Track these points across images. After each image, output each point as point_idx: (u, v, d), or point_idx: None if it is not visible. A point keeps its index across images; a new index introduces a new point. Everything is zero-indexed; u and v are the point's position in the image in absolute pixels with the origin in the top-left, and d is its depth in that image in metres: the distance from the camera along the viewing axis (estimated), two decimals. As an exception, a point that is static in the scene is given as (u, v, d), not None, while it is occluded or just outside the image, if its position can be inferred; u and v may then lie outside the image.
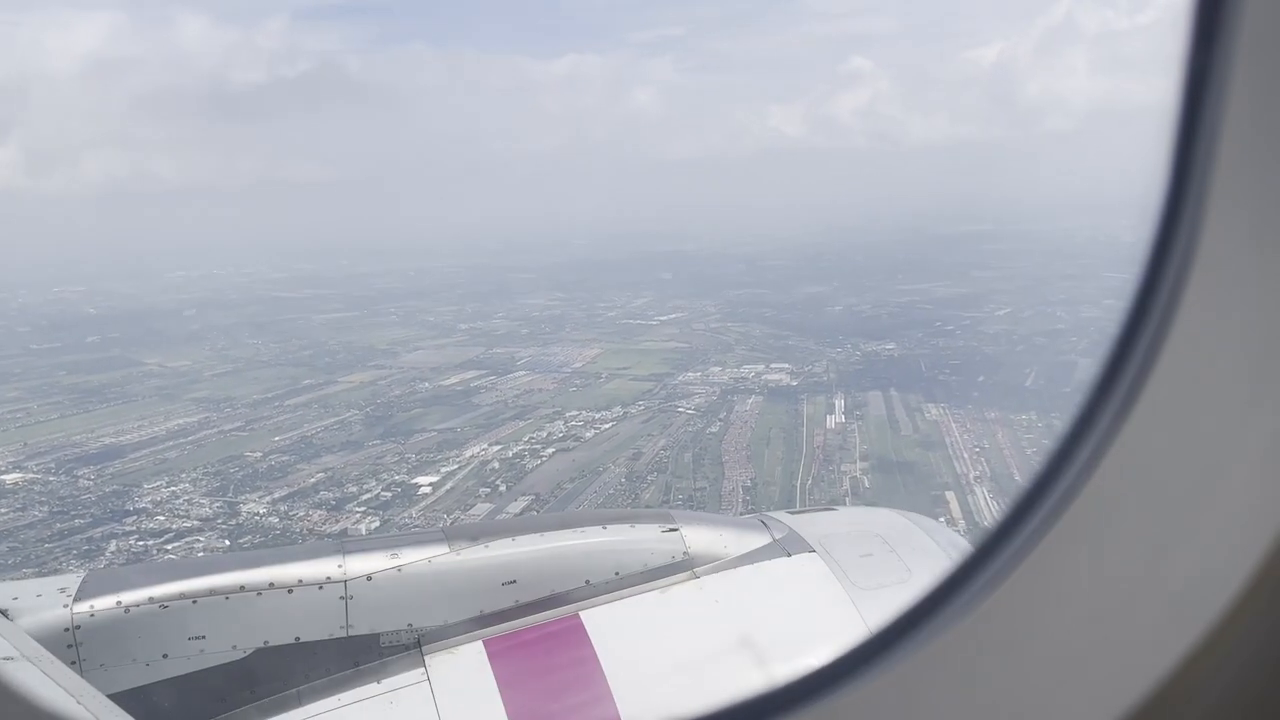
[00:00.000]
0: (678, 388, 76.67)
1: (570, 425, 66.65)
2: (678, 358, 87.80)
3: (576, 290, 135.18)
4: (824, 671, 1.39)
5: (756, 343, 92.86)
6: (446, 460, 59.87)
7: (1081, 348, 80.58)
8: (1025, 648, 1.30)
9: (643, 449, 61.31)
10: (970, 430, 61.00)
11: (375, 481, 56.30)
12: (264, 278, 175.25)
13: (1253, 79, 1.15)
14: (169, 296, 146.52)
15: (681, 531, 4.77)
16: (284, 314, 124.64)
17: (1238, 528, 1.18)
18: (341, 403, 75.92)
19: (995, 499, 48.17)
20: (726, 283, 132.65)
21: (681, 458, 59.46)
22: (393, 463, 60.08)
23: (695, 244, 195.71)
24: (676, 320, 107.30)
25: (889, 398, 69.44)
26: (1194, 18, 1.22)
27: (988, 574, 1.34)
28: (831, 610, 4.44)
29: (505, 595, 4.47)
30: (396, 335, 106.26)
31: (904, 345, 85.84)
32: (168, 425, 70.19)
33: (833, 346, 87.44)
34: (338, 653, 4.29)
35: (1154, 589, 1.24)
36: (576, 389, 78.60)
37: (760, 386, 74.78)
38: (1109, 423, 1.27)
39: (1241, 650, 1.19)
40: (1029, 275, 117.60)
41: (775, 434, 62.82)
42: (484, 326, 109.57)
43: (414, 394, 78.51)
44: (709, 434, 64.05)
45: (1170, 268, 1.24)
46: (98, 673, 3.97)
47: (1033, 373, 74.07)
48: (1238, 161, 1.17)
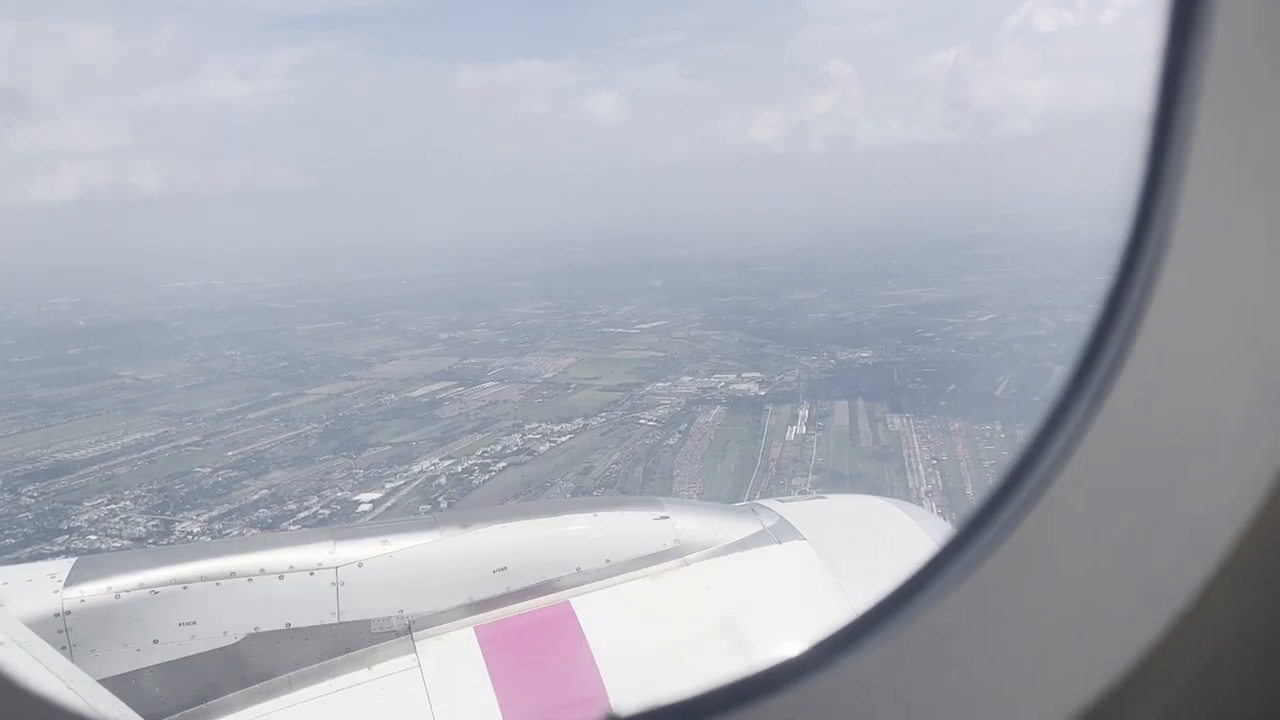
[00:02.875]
0: (644, 398, 75.38)
1: (527, 438, 65.52)
2: (651, 367, 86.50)
3: (565, 298, 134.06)
4: (804, 656, 1.42)
5: (733, 351, 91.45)
6: (394, 475, 58.86)
7: (1059, 354, 78.85)
8: (999, 633, 1.34)
9: (595, 463, 60.12)
10: (930, 442, 59.47)
11: (317, 498, 55.34)
12: (260, 287, 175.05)
13: (1225, 73, 1.16)
14: (161, 308, 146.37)
15: (672, 519, 4.78)
16: (270, 325, 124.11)
17: (1209, 517, 1.21)
18: (304, 416, 75.01)
19: (941, 514, 46.60)
20: (716, 289, 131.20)
21: (633, 472, 58.20)
22: (340, 479, 59.10)
23: (690, 250, 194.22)
24: (658, 328, 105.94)
25: (854, 408, 67.93)
26: (1169, 10, 1.23)
27: (964, 560, 1.37)
28: (821, 597, 4.44)
29: (496, 582, 4.47)
30: (376, 345, 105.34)
31: (880, 353, 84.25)
32: (124, 440, 69.48)
33: (808, 354, 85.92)
34: (328, 639, 4.28)
35: (1126, 576, 1.26)
36: (543, 400, 77.42)
37: (727, 397, 73.40)
38: (1084, 411, 1.29)
39: (1210, 637, 1.22)
40: (1020, 280, 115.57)
41: (732, 446, 61.49)
42: (464, 336, 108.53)
43: (378, 406, 77.53)
44: (666, 446, 62.79)
45: (1145, 258, 1.26)
46: (88, 658, 3.96)
47: (1005, 381, 72.34)
48: (1211, 150, 1.18)
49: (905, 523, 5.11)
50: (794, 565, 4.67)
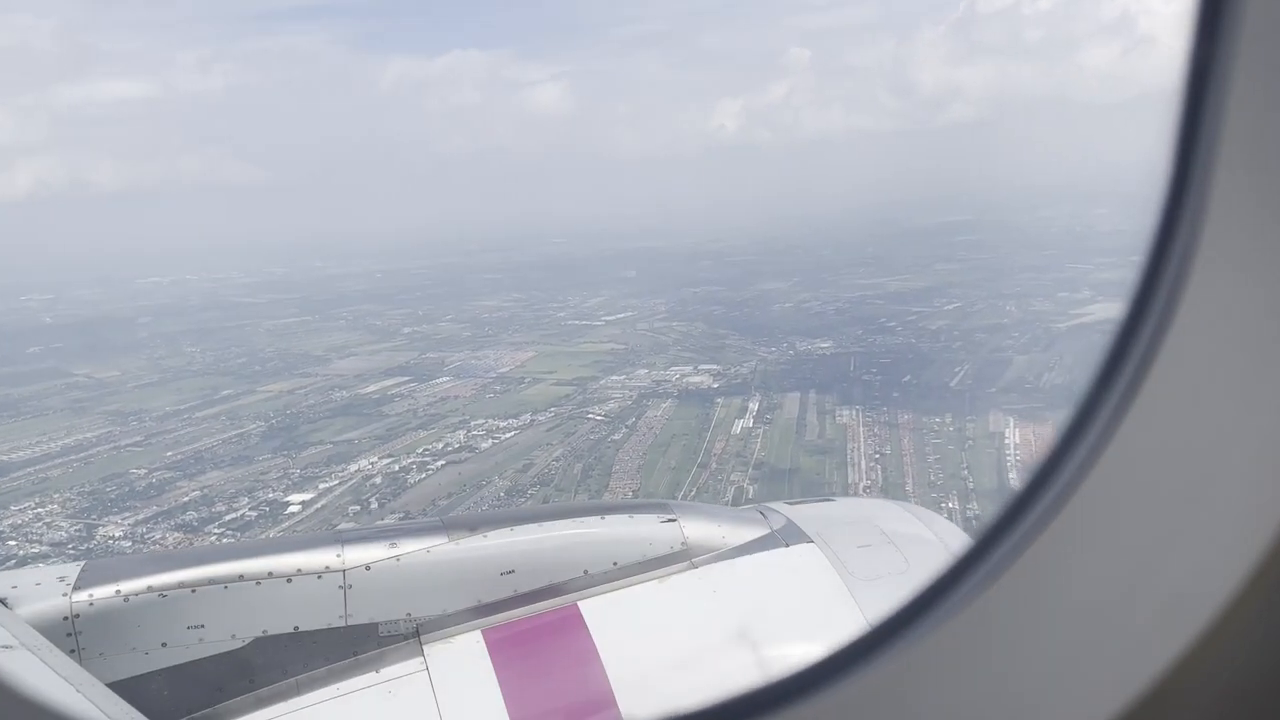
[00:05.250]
0: (597, 392, 74.16)
1: (471, 435, 64.30)
2: (610, 360, 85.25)
3: (535, 290, 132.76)
4: (820, 666, 1.40)
5: (694, 343, 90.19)
6: (330, 475, 57.62)
7: (1021, 344, 77.82)
8: (1020, 644, 1.31)
9: (535, 460, 58.92)
10: (876, 435, 58.35)
11: (248, 499, 54.09)
12: (234, 282, 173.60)
13: (1256, 72, 1.14)
14: (132, 304, 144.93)
15: (679, 522, 4.74)
16: (236, 320, 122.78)
17: (1235, 528, 1.19)
18: (251, 414, 73.64)
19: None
20: (687, 280, 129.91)
21: (572, 469, 57.05)
22: (275, 479, 57.80)
23: (669, 240, 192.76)
24: (623, 320, 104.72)
25: (805, 400, 66.73)
26: (1198, 7, 1.21)
27: (984, 570, 1.35)
28: (829, 601, 4.41)
29: (503, 585, 4.44)
30: (337, 341, 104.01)
31: (840, 343, 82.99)
32: (65, 441, 68.08)
33: (767, 346, 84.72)
34: (336, 642, 4.25)
35: (1150, 588, 1.24)
36: (494, 395, 76.17)
37: (680, 390, 72.16)
38: (1107, 419, 1.27)
39: (1237, 651, 1.20)
40: (991, 267, 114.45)
41: (677, 441, 60.29)
42: (428, 330, 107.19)
43: (327, 403, 76.17)
44: (610, 442, 61.60)
45: (1171, 264, 1.24)
46: (97, 661, 3.94)
47: (962, 372, 71.24)
48: (1240, 158, 1.17)
49: (915, 526, 5.07)
50: (802, 568, 4.64)
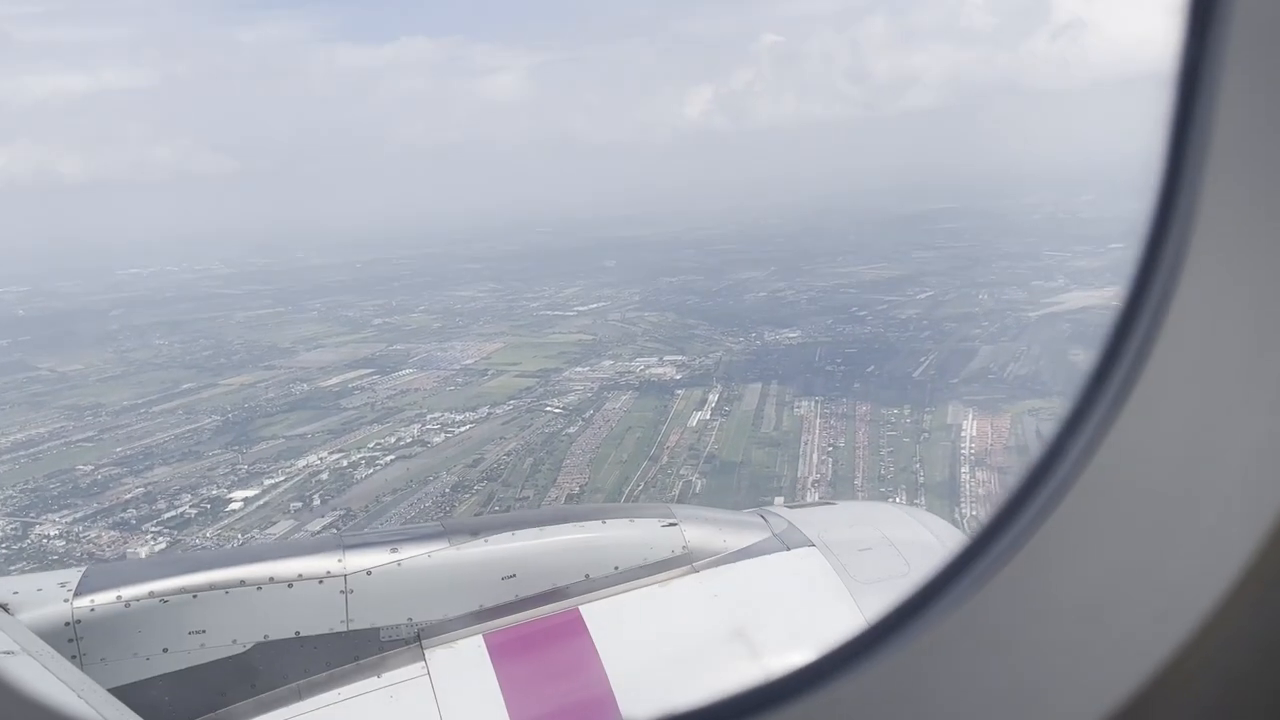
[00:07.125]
0: (559, 384, 73.19)
1: (425, 429, 63.35)
2: (577, 351, 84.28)
3: (513, 280, 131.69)
4: (818, 664, 1.40)
5: (663, 333, 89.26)
6: (277, 471, 56.67)
7: (989, 334, 76.97)
8: (1016, 641, 1.31)
9: (486, 454, 57.97)
10: (832, 427, 57.45)
11: (190, 496, 53.18)
12: (214, 273, 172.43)
13: (1247, 69, 1.14)
14: (108, 296, 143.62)
15: (680, 526, 4.70)
16: (209, 312, 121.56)
17: (1229, 525, 1.19)
18: (209, 408, 72.64)
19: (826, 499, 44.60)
20: (665, 269, 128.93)
21: (522, 464, 56.14)
22: (221, 475, 56.86)
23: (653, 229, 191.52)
24: (595, 310, 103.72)
25: (766, 391, 65.86)
26: (1188, 6, 1.21)
27: (981, 567, 1.35)
28: (830, 604, 4.39)
29: (505, 589, 4.41)
30: (306, 332, 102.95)
31: (808, 333, 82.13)
32: (16, 436, 67.16)
33: (735, 336, 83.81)
34: (337, 647, 4.23)
35: (1145, 585, 1.24)
36: (455, 388, 75.16)
37: (641, 381, 71.21)
38: (1102, 417, 1.27)
39: (1231, 647, 1.20)
40: (968, 255, 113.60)
41: (631, 434, 59.39)
42: (399, 321, 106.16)
43: (286, 397, 75.15)
44: (565, 435, 60.69)
45: (1164, 262, 1.24)
46: (98, 667, 3.94)
47: (926, 362, 70.34)
48: (1232, 155, 1.16)
49: (916, 529, 5.05)
50: (803, 572, 4.62)
